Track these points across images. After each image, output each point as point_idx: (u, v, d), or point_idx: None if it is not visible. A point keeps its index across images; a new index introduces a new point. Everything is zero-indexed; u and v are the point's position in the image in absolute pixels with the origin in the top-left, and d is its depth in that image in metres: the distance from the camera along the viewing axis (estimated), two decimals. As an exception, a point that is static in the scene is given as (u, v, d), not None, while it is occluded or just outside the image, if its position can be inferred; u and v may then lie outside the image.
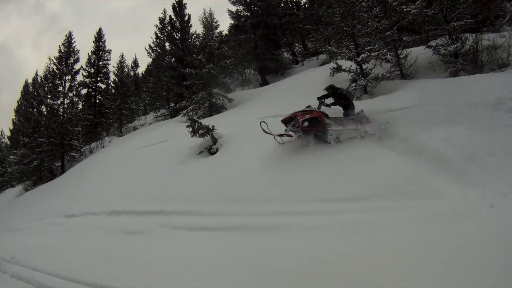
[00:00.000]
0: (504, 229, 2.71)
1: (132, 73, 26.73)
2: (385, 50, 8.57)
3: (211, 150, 7.45)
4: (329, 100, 5.83)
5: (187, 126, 7.49)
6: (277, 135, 5.43)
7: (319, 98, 5.68)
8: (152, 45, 18.68)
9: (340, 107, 5.92)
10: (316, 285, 2.62)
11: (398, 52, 8.91)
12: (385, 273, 2.53)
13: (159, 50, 18.37)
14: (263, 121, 5.44)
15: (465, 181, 3.81)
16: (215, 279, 3.09)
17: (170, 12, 17.85)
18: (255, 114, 9.22)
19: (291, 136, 5.35)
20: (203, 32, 19.70)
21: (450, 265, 2.42)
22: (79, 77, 18.15)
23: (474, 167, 3.97)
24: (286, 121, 5.29)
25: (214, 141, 7.50)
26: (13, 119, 26.33)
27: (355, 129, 5.26)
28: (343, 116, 5.67)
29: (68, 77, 15.89)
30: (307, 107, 5.34)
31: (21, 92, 26.62)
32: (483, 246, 2.52)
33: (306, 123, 5.02)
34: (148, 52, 18.94)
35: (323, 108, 5.55)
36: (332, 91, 5.82)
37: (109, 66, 21.32)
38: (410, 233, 3.02)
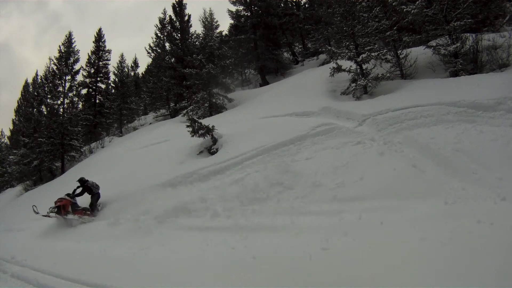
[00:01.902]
0: (505, 228, 2.71)
1: (132, 73, 26.75)
2: (385, 50, 8.58)
3: (211, 150, 7.44)
4: (80, 190, 7.11)
5: (187, 126, 7.49)
6: (43, 215, 6.48)
7: (73, 192, 6.99)
8: (152, 45, 18.69)
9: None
10: (316, 285, 2.62)
11: (398, 52, 8.92)
12: (386, 272, 2.53)
13: (159, 50, 18.37)
14: (34, 205, 6.64)
15: (466, 181, 3.81)
16: (215, 279, 3.08)
17: (170, 12, 17.86)
18: (255, 114, 9.24)
19: (50, 216, 6.48)
20: (203, 32, 19.74)
21: (451, 264, 2.42)
22: (79, 77, 18.11)
23: (475, 167, 3.97)
24: (55, 202, 6.59)
25: (214, 141, 7.50)
26: (13, 119, 26.31)
27: (77, 219, 6.49)
28: (89, 205, 6.98)
29: (68, 77, 15.85)
30: (66, 194, 6.81)
31: (21, 92, 26.57)
32: (484, 245, 2.51)
33: (55, 209, 6.42)
34: (148, 52, 18.96)
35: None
36: (81, 183, 7.07)
37: (109, 66, 21.35)
38: (410, 232, 3.02)
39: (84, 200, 7.08)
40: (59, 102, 15.18)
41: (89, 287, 3.47)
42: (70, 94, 15.80)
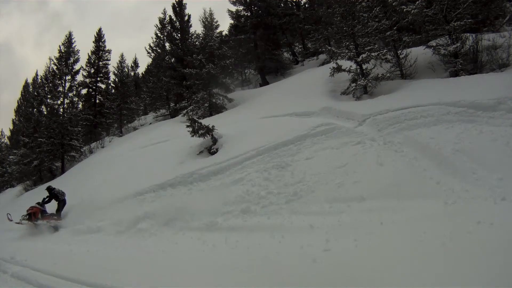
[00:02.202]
0: (505, 228, 2.70)
1: (132, 73, 26.70)
2: (385, 50, 8.57)
3: (211, 150, 7.45)
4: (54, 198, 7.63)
5: (187, 126, 7.50)
6: (16, 223, 7.06)
7: (42, 200, 7.54)
8: (152, 45, 18.67)
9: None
10: (317, 285, 2.62)
11: (398, 52, 8.91)
12: (386, 272, 2.53)
13: (159, 50, 18.36)
14: (8, 213, 7.33)
15: (466, 181, 3.81)
16: (215, 279, 3.09)
17: (170, 12, 17.83)
18: (255, 114, 9.23)
19: (22, 223, 7.02)
20: (203, 32, 19.70)
21: (451, 264, 2.42)
22: (79, 77, 18.08)
23: (475, 167, 3.97)
24: (27, 210, 7.18)
25: (214, 141, 7.50)
26: (13, 119, 26.32)
27: (45, 224, 7.03)
28: (56, 211, 7.50)
29: (68, 77, 15.86)
30: (37, 203, 7.43)
31: (21, 92, 26.59)
32: (484, 245, 2.51)
33: (27, 216, 7.00)
34: (148, 52, 18.94)
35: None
36: (49, 191, 7.66)
37: (109, 66, 21.26)
38: (410, 232, 3.02)
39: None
40: (59, 102, 15.19)
41: (88, 287, 3.47)
42: (70, 94, 15.82)
